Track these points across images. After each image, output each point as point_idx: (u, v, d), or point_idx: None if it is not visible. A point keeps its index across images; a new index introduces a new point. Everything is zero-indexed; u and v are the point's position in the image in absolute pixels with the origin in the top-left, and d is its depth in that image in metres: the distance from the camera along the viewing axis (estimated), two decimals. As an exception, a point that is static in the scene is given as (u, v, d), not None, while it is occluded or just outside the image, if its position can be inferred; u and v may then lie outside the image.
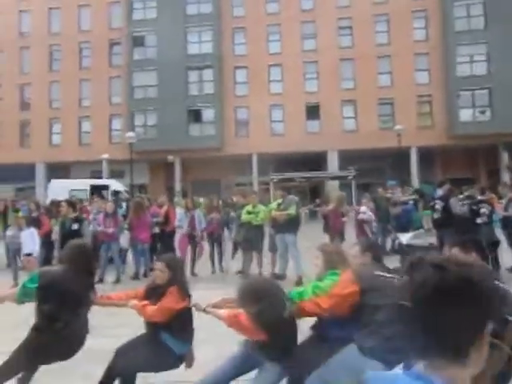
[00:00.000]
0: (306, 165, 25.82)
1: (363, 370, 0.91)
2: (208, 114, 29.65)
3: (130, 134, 21.99)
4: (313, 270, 3.30)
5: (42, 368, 3.20)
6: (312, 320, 2.99)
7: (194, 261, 8.45)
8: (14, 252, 7.82)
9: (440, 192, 8.08)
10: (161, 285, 3.22)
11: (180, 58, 28.84)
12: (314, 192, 27.09)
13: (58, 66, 31.25)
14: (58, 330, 2.99)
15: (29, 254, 7.45)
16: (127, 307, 3.26)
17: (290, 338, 2.81)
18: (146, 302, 3.18)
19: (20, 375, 3.15)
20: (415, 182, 25.77)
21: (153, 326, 3.19)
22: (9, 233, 7.91)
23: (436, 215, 7.65)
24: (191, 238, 8.45)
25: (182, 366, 3.26)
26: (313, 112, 28.92)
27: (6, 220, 10.40)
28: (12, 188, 28.09)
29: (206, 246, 8.96)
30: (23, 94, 31.79)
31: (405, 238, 7.31)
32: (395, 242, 8.09)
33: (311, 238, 5.85)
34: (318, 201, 25.70)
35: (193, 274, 8.16)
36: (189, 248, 8.51)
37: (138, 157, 25.43)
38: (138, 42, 30.32)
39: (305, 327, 2.98)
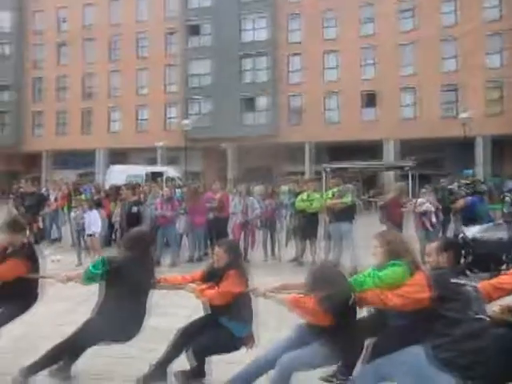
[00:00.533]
0: (360, 154, 25.15)
1: (434, 381, 0.86)
2: (261, 101, 29.70)
3: (185, 121, 22.54)
4: (369, 259, 3.21)
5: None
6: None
7: (246, 248, 8.54)
8: (78, 232, 8.30)
9: (511, 184, 7.57)
10: (219, 269, 3.28)
11: (234, 46, 29.04)
12: (369, 183, 26.38)
13: (118, 56, 32.61)
14: (122, 313, 3.16)
15: (91, 235, 7.90)
16: (185, 290, 3.35)
17: (351, 325, 2.81)
18: (204, 286, 3.27)
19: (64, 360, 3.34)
20: (480, 173, 24.28)
21: (212, 309, 3.28)
22: (73, 214, 8.42)
23: (506, 209, 7.19)
24: (245, 225, 8.54)
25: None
26: (369, 100, 28.05)
27: (70, 203, 11.04)
28: (74, 173, 29.85)
29: (259, 234, 9.03)
30: (86, 84, 33.54)
31: (470, 231, 6.91)
32: (458, 236, 7.68)
33: (367, 228, 5.69)
34: (372, 192, 25.03)
35: (245, 260, 8.26)
36: (242, 235, 8.62)
37: (192, 144, 26.01)
38: (193, 30, 30.86)
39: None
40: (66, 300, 5.13)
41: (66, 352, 3.27)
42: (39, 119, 34.29)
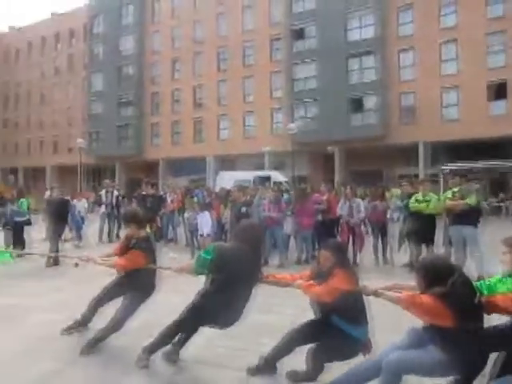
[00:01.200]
0: (485, 154, 22.76)
1: None
2: (370, 101, 28.75)
3: (292, 125, 22.81)
4: (496, 268, 2.89)
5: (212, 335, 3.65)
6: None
7: (355, 250, 8.34)
8: (191, 233, 8.97)
9: None
10: (326, 270, 3.26)
11: (340, 46, 28.66)
12: (498, 185, 23.76)
13: (226, 66, 34.51)
14: (222, 299, 3.32)
15: (203, 235, 8.46)
16: (292, 287, 3.39)
17: (476, 332, 2.53)
18: (312, 282, 3.27)
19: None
20: None
21: (321, 308, 3.26)
22: (186, 215, 9.15)
23: None
24: (352, 228, 8.36)
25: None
26: (498, 91, 25.29)
27: (183, 206, 11.94)
28: (187, 179, 32.20)
29: (369, 238, 8.75)
30: (196, 95, 36.13)
31: None
32: None
33: (494, 235, 5.01)
34: (502, 195, 22.50)
35: (355, 263, 8.06)
36: (350, 237, 8.44)
37: (299, 148, 26.26)
38: (298, 34, 31.22)
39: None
40: (181, 292, 5.56)
41: (175, 333, 3.57)
42: (157, 130, 37.91)
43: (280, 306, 5.08)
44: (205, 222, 8.63)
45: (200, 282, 3.63)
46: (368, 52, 28.39)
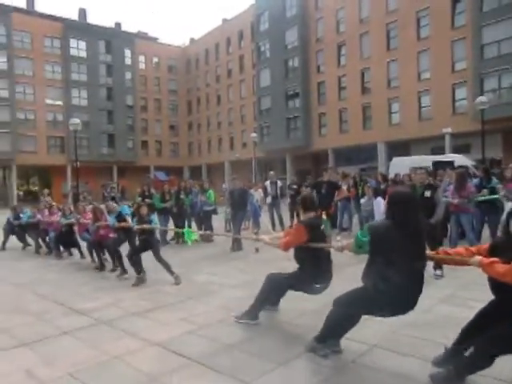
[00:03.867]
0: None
1: None
2: None
3: (481, 98, 20.26)
4: None
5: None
6: None
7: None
8: (366, 219, 8.98)
9: None
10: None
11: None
12: None
13: (396, 44, 32.74)
14: (385, 284, 3.15)
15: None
16: (468, 264, 3.10)
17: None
18: (494, 259, 2.90)
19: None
20: None
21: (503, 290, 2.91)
22: (362, 201, 9.21)
23: None
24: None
25: None
26: None
27: (357, 193, 11.94)
28: (356, 168, 31.84)
29: None
30: (364, 79, 35.28)
31: None
32: None
33: None
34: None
35: None
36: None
37: (488, 127, 23.28)
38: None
39: None
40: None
41: (350, 324, 3.49)
42: (324, 120, 38.47)
43: (470, 299, 4.73)
44: (377, 208, 8.54)
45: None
46: None
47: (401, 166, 19.82)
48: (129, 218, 7.41)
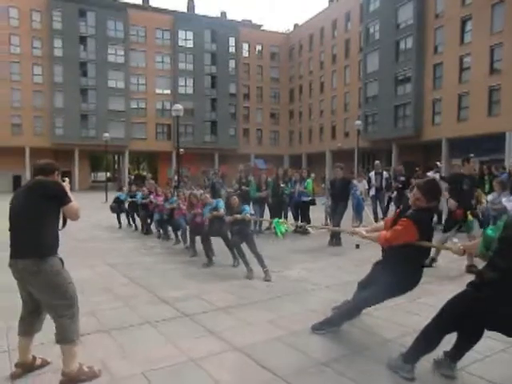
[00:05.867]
0: None
1: None
2: None
3: None
4: None
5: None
6: None
7: None
8: (493, 218, 7.92)
9: None
10: None
11: None
12: None
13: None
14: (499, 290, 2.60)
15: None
16: None
17: None
18: None
19: None
20: None
21: None
22: (489, 197, 8.15)
23: None
24: None
25: None
26: None
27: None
28: (476, 161, 28.71)
29: None
30: (493, 57, 31.27)
31: None
32: None
33: None
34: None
35: None
36: None
37: None
38: None
39: None
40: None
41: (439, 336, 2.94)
42: (439, 106, 35.25)
43: None
44: (506, 203, 7.36)
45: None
46: None
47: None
48: (222, 211, 7.17)
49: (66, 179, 3.29)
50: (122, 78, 47.34)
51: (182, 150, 21.71)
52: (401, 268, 3.38)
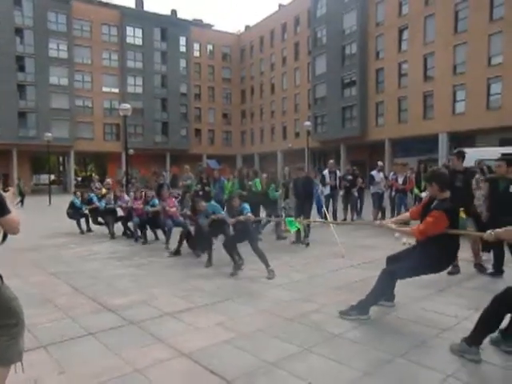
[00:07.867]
0: None
1: None
2: None
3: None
4: None
5: None
6: None
7: None
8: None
9: None
10: None
11: None
12: None
13: (464, 26, 30.31)
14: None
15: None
16: None
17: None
18: None
19: None
20: None
21: None
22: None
23: None
24: None
25: None
26: None
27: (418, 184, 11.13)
28: (414, 160, 30.00)
29: None
30: (427, 65, 32.99)
31: None
32: None
33: None
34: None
35: None
36: None
37: None
38: None
39: None
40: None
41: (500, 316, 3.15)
42: (381, 109, 36.59)
43: None
44: None
45: None
46: None
47: (467, 158, 18.17)
48: (223, 213, 7.12)
49: (11, 188, 2.88)
50: (65, 74, 44.75)
51: (131, 150, 21.03)
52: (436, 252, 3.76)
